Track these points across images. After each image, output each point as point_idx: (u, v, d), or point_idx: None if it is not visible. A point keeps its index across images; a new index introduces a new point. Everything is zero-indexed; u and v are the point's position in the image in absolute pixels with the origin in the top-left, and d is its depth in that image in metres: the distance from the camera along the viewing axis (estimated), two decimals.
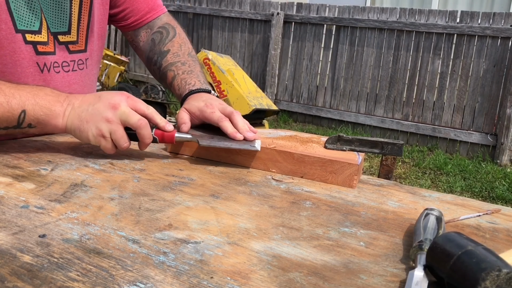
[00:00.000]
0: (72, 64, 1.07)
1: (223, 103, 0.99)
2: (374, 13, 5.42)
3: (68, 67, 1.06)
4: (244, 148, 0.90)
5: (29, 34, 0.98)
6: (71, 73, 1.06)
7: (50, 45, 1.02)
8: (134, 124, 0.85)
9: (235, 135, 0.91)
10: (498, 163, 4.77)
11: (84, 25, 1.08)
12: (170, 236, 0.62)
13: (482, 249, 0.50)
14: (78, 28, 1.07)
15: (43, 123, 0.87)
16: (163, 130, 0.90)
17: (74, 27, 1.06)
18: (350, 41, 5.59)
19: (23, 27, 0.97)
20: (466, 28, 4.88)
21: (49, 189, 0.75)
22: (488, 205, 0.81)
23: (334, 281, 0.54)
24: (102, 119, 0.84)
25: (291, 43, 5.96)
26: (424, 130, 5.21)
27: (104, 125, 0.84)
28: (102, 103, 0.86)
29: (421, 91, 5.25)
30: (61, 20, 1.03)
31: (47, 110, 0.86)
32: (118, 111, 0.85)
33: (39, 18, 0.98)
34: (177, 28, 1.24)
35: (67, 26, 1.04)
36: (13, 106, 0.84)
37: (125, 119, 0.85)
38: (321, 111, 5.81)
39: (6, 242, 0.57)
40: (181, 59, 1.16)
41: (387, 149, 0.91)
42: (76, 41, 1.07)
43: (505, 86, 4.77)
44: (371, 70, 5.49)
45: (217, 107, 0.96)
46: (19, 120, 0.85)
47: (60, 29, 1.03)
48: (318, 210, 0.74)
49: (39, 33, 0.99)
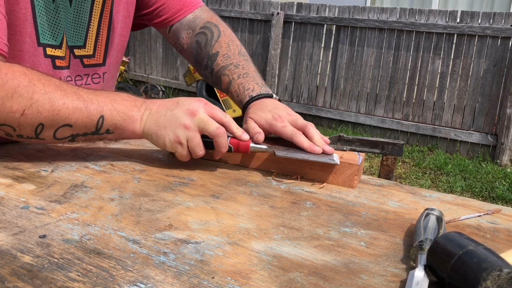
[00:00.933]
0: (85, 78, 1.06)
1: (292, 113, 0.95)
2: (374, 13, 5.42)
3: (81, 81, 1.05)
4: (323, 161, 0.86)
5: (50, 48, 0.98)
6: (84, 86, 1.00)
7: (66, 59, 1.02)
8: (212, 132, 0.83)
9: (313, 149, 0.87)
10: (498, 163, 4.77)
11: (103, 38, 1.07)
12: (170, 237, 0.62)
13: (483, 249, 0.50)
14: (96, 42, 1.06)
15: (121, 128, 0.85)
16: (239, 140, 0.87)
17: (91, 41, 1.05)
18: (350, 41, 5.59)
19: (45, 41, 0.97)
20: (466, 28, 4.88)
21: (49, 190, 0.75)
22: (489, 205, 0.81)
23: (334, 281, 0.54)
24: (180, 125, 0.83)
25: (291, 43, 5.96)
26: (424, 130, 5.21)
27: (182, 132, 0.83)
28: (180, 109, 0.84)
29: (421, 91, 5.25)
30: (78, 34, 1.02)
31: (125, 115, 0.84)
32: (196, 118, 0.83)
33: (61, 33, 0.99)
34: (220, 26, 1.18)
35: (83, 40, 1.04)
36: (91, 111, 0.82)
37: (203, 127, 0.83)
38: (321, 111, 5.81)
39: (6, 242, 0.57)
40: (232, 60, 1.11)
41: (387, 149, 0.91)
42: (92, 55, 1.06)
43: (505, 86, 4.76)
44: (371, 70, 5.49)
45: (287, 119, 0.92)
46: (97, 126, 0.83)
47: (76, 43, 1.03)
48: (318, 210, 0.74)
49: (59, 48, 0.99)
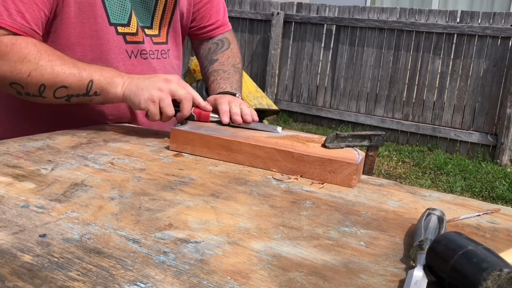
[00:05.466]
0: (156, 53, 1.26)
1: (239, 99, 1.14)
2: (374, 13, 5.41)
3: (153, 55, 1.25)
4: (267, 130, 1.02)
5: (120, 26, 1.17)
6: (156, 60, 1.25)
7: (139, 36, 1.21)
8: (182, 95, 1.02)
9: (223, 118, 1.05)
10: (498, 163, 4.77)
11: (166, 23, 1.28)
12: (170, 236, 0.62)
13: (483, 248, 0.50)
14: (161, 24, 1.26)
15: (106, 91, 1.04)
16: (203, 109, 1.06)
17: (156, 23, 1.25)
18: (350, 41, 5.58)
19: (115, 21, 1.15)
20: (466, 28, 4.87)
21: (49, 188, 0.75)
22: (488, 205, 0.81)
23: (334, 281, 0.54)
24: (155, 87, 1.01)
25: (291, 43, 5.96)
26: (424, 130, 5.21)
27: (156, 92, 1.01)
28: (158, 77, 1.03)
29: (421, 91, 5.24)
30: (146, 16, 1.22)
31: (110, 80, 1.04)
32: (170, 84, 1.02)
33: (128, 13, 1.17)
34: (232, 43, 1.44)
35: (150, 22, 1.24)
36: (83, 76, 1.02)
37: (175, 91, 1.02)
38: (321, 111, 5.81)
39: (6, 241, 0.57)
40: (224, 67, 1.35)
41: (374, 140, 0.96)
42: (158, 35, 1.26)
43: (505, 86, 4.76)
44: (371, 70, 5.49)
45: (227, 98, 1.11)
46: (87, 88, 1.02)
47: (145, 24, 1.23)
48: (318, 209, 0.74)
49: (128, 26, 1.18)
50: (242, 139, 0.95)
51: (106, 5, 1.12)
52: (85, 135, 1.08)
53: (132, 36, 1.19)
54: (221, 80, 1.30)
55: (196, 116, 1.06)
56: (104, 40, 1.14)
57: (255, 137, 0.97)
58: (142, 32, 1.21)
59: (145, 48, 1.22)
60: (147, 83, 1.02)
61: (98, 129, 1.14)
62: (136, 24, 1.19)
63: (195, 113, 1.05)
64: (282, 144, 0.93)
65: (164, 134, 1.13)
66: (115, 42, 1.16)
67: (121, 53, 1.18)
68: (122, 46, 1.18)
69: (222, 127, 1.04)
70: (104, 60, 1.14)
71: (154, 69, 1.24)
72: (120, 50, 1.18)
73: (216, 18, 1.42)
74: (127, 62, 1.19)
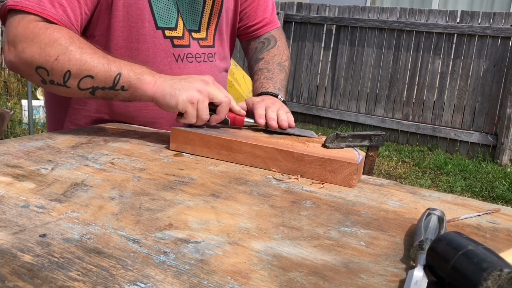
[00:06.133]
0: (203, 56, 1.27)
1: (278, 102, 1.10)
2: (374, 13, 5.41)
3: (200, 58, 1.26)
4: (305, 135, 1.01)
5: (168, 30, 1.18)
6: (203, 63, 1.26)
7: (185, 39, 1.22)
8: (222, 98, 0.99)
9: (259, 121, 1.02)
10: (498, 163, 4.77)
11: (213, 26, 1.28)
12: (170, 236, 0.62)
13: (483, 248, 0.50)
14: (208, 27, 1.27)
15: (134, 87, 0.99)
16: (237, 114, 1.04)
17: (204, 27, 1.26)
18: (350, 41, 5.58)
19: (162, 25, 1.16)
20: (466, 28, 4.87)
21: (49, 188, 0.75)
22: (488, 205, 0.81)
23: (334, 281, 0.54)
24: (194, 89, 0.97)
25: (291, 43, 5.95)
26: (424, 130, 5.21)
27: (196, 94, 0.96)
28: (195, 78, 0.99)
29: (421, 91, 5.24)
30: (194, 20, 1.23)
31: (140, 77, 0.99)
32: (209, 86, 0.98)
33: (175, 17, 1.18)
34: (279, 41, 1.41)
35: (198, 25, 1.25)
36: (112, 68, 0.98)
37: (214, 94, 0.98)
38: (321, 111, 5.81)
39: (6, 241, 0.57)
40: (269, 66, 1.33)
41: (374, 140, 0.95)
42: (205, 38, 1.27)
43: (505, 86, 4.76)
44: (371, 70, 5.49)
45: (265, 103, 1.07)
46: (114, 81, 0.98)
47: (193, 27, 1.24)
48: (318, 209, 0.74)
49: (175, 30, 1.19)
50: (242, 139, 0.95)
51: (154, 9, 1.13)
52: (85, 135, 1.08)
53: (179, 39, 1.20)
54: (264, 80, 1.28)
55: (230, 120, 1.03)
56: (151, 43, 1.16)
57: (255, 137, 0.97)
58: (189, 35, 1.22)
59: (191, 52, 1.23)
60: (183, 84, 0.98)
61: (98, 129, 1.14)
62: (182, 27, 1.20)
63: (229, 117, 1.03)
64: (282, 144, 0.93)
65: (164, 134, 1.13)
66: (162, 46, 1.17)
67: (168, 57, 1.18)
68: (169, 50, 1.18)
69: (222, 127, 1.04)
70: (150, 63, 1.14)
71: (200, 72, 1.24)
72: (167, 53, 1.18)
73: (263, 16, 1.40)
74: (173, 65, 1.19)
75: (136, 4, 1.11)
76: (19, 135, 4.27)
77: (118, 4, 1.09)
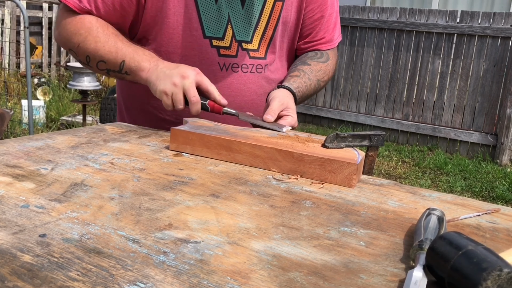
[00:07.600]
0: (251, 67, 1.29)
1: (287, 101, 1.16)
2: (374, 13, 5.42)
3: (246, 69, 1.28)
4: (272, 128, 1.05)
5: (215, 40, 1.23)
6: (249, 74, 1.28)
7: (232, 49, 1.25)
8: (189, 98, 1.08)
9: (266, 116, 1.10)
10: (498, 163, 4.77)
11: (267, 38, 1.29)
12: (170, 236, 0.62)
13: (482, 248, 0.50)
14: (261, 39, 1.28)
15: (134, 73, 1.15)
16: (219, 104, 1.10)
17: (257, 39, 1.28)
18: (350, 41, 5.58)
19: (210, 34, 1.22)
20: (466, 28, 4.88)
21: (49, 188, 0.75)
22: (488, 205, 0.81)
23: (334, 281, 0.54)
24: (171, 81, 1.08)
25: None
26: (424, 130, 5.21)
27: (170, 86, 1.08)
28: (176, 71, 1.09)
29: (421, 91, 5.24)
30: (246, 31, 1.26)
31: (138, 64, 1.14)
32: (185, 81, 1.07)
33: (224, 27, 1.23)
34: (331, 60, 1.40)
35: (251, 37, 1.27)
36: (118, 56, 1.15)
37: (186, 89, 1.07)
38: (321, 111, 5.81)
39: (6, 241, 0.57)
40: (310, 75, 1.31)
41: (374, 140, 0.95)
42: (257, 49, 1.29)
43: (505, 86, 4.76)
44: (371, 70, 5.49)
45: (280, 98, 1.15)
46: (120, 67, 1.16)
47: (244, 38, 1.26)
48: (318, 209, 0.74)
49: (222, 40, 1.24)
50: (242, 139, 0.95)
51: (202, 18, 1.20)
52: (85, 135, 1.08)
53: (225, 49, 1.24)
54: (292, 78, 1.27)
55: (210, 108, 1.10)
56: (197, 51, 1.22)
57: (255, 137, 0.97)
58: (238, 46, 1.25)
59: (237, 62, 1.26)
60: (166, 74, 1.09)
61: (98, 129, 1.14)
62: (230, 38, 1.24)
63: (209, 105, 1.10)
64: (282, 144, 0.93)
65: (164, 134, 1.13)
66: (209, 54, 1.23)
67: (213, 65, 1.23)
68: (215, 59, 1.23)
69: (221, 127, 1.04)
70: None
71: (244, 82, 1.27)
72: (213, 62, 1.23)
73: (323, 35, 1.38)
74: (218, 74, 1.24)
75: (185, 13, 1.19)
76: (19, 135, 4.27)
77: (169, 12, 1.18)
